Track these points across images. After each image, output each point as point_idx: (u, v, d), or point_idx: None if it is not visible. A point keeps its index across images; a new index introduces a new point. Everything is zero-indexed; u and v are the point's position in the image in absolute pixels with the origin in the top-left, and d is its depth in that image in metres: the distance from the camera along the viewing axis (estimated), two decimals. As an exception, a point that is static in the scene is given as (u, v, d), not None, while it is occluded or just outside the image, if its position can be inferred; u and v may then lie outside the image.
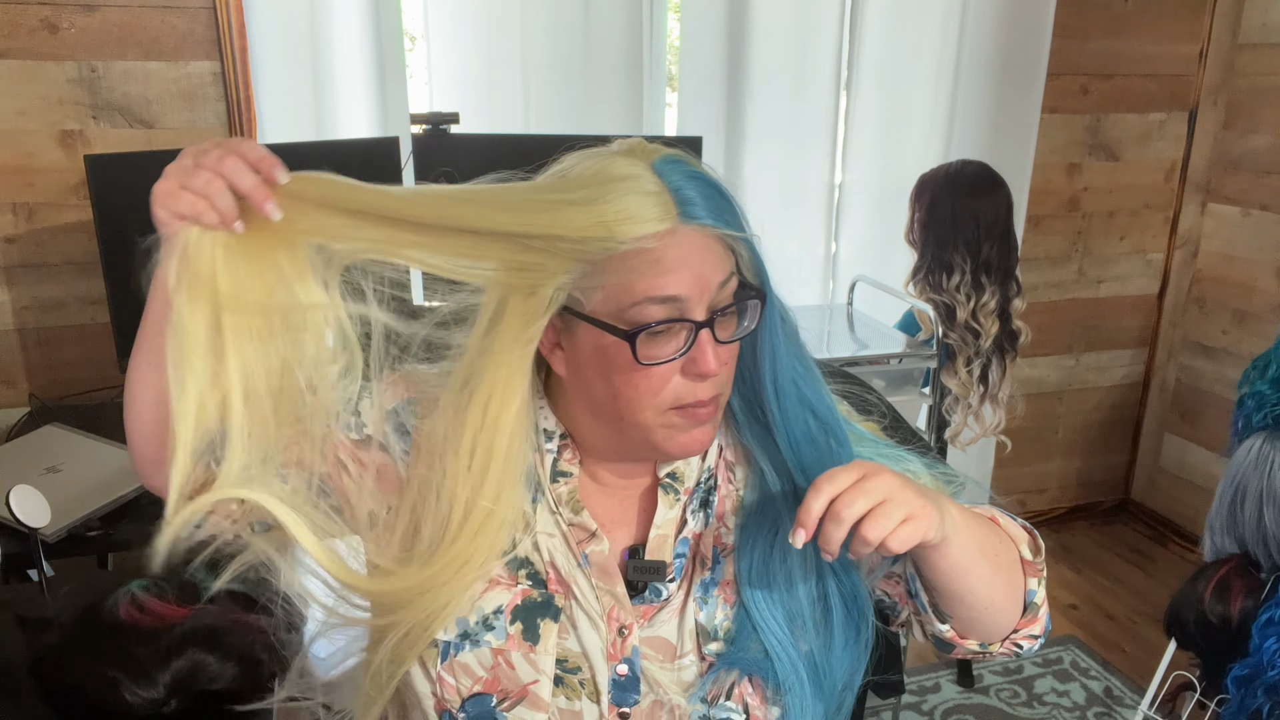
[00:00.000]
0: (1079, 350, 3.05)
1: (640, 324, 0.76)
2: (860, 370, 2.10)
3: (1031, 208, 2.77)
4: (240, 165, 0.76)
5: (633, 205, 0.75)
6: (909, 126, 2.58)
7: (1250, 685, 1.42)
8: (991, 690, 2.40)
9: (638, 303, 0.76)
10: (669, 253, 0.76)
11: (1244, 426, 1.60)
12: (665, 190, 0.76)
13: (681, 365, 0.79)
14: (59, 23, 1.87)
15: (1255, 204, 2.81)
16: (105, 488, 1.47)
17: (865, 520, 0.71)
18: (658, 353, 0.78)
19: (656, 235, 0.75)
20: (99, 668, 1.03)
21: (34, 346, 2.00)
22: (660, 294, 0.76)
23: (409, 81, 2.19)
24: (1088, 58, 2.72)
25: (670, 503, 0.88)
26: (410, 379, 0.88)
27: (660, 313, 0.77)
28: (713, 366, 0.78)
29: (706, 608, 0.87)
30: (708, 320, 0.78)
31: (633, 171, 0.77)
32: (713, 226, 0.77)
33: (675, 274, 0.76)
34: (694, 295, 0.77)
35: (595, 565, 0.86)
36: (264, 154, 0.78)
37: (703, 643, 0.86)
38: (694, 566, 0.88)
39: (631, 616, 0.85)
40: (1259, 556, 1.54)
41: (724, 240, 0.79)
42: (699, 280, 0.77)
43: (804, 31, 2.40)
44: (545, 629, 0.84)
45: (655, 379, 0.78)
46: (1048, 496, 3.19)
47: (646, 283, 0.76)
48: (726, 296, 0.79)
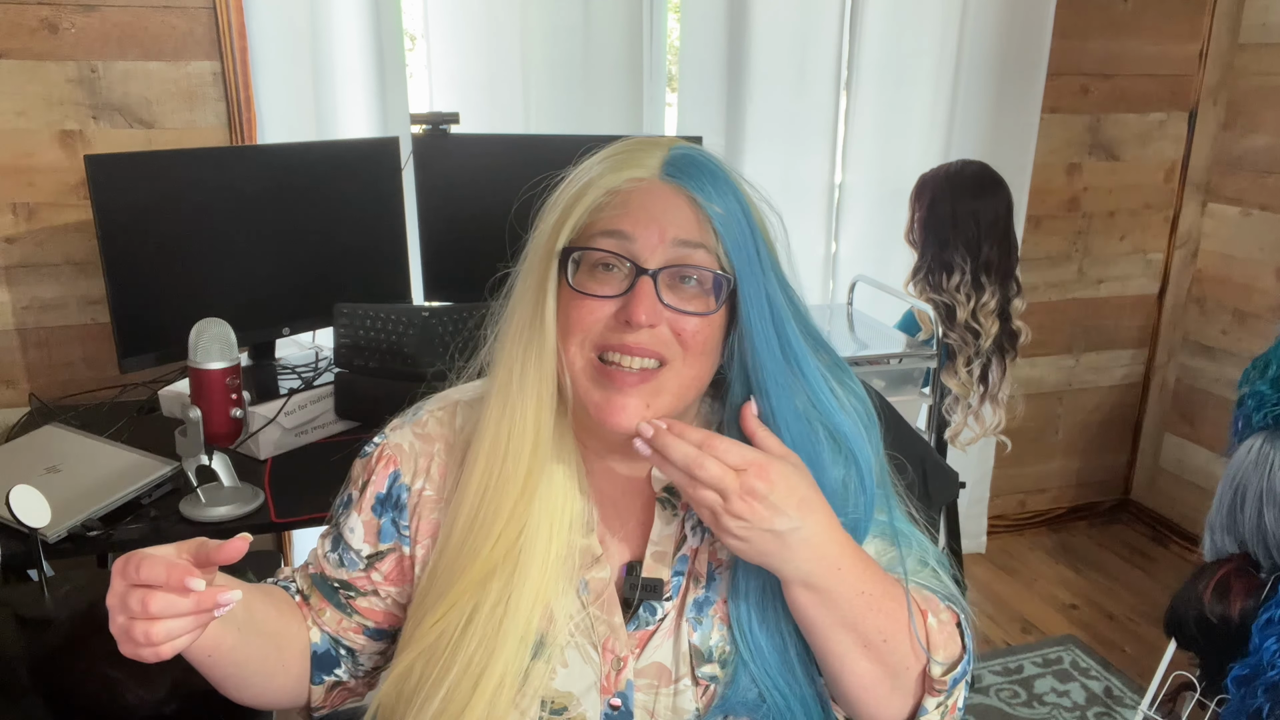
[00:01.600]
0: (1079, 350, 3.05)
1: (583, 247, 0.79)
2: (860, 370, 2.10)
3: (1031, 208, 2.77)
4: (166, 601, 0.69)
5: (621, 161, 0.79)
6: (909, 126, 2.58)
7: (1250, 685, 1.42)
8: (991, 690, 2.40)
9: (593, 234, 0.79)
10: (634, 196, 0.79)
11: (1244, 426, 1.60)
12: (664, 156, 0.80)
13: (616, 308, 0.78)
14: (59, 23, 1.87)
15: (1255, 204, 2.81)
16: (105, 488, 1.47)
17: (725, 499, 0.73)
18: (596, 287, 0.78)
19: (631, 181, 0.79)
20: (99, 668, 1.03)
21: (34, 346, 2.00)
22: (611, 227, 0.78)
23: (409, 81, 2.19)
24: (1088, 58, 2.72)
25: (668, 518, 0.86)
26: (399, 442, 0.90)
27: (608, 244, 0.78)
28: (639, 315, 0.76)
29: (701, 628, 0.84)
30: (654, 271, 0.77)
31: (648, 144, 0.81)
32: (688, 189, 0.78)
33: (632, 215, 0.78)
34: (645, 239, 0.77)
35: (594, 592, 0.84)
36: (169, 565, 0.69)
37: (696, 665, 0.83)
38: (688, 584, 0.86)
39: (627, 648, 0.83)
40: (1259, 556, 1.54)
41: (702, 211, 0.78)
42: (656, 227, 0.77)
43: (804, 31, 2.40)
44: (533, 669, 0.81)
45: (585, 310, 0.78)
46: (1048, 496, 3.19)
47: (605, 217, 0.79)
48: (692, 261, 0.78)
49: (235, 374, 1.42)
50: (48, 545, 1.33)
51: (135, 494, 1.48)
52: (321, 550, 0.94)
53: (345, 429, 1.76)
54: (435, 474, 0.88)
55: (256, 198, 1.81)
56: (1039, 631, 2.65)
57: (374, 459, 0.91)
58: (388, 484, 0.89)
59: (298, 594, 0.95)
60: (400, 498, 0.89)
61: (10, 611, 1.20)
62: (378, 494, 0.89)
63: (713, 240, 0.78)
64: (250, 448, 1.65)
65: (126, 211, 1.65)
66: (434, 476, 0.88)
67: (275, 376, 1.86)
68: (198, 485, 1.45)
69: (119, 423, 1.77)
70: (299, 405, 1.69)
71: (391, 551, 0.90)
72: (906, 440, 1.33)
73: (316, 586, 0.94)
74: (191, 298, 1.74)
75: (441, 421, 0.90)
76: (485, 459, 0.82)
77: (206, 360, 1.39)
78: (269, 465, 1.63)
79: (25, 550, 1.31)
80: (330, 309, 1.73)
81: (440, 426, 0.90)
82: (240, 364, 1.43)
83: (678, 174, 0.79)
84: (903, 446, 1.30)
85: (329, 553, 0.93)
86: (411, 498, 0.89)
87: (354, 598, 0.92)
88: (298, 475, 1.60)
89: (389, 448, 0.90)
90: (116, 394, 1.94)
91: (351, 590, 0.92)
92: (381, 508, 0.89)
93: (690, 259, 0.78)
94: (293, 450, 1.69)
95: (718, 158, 0.82)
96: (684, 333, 0.78)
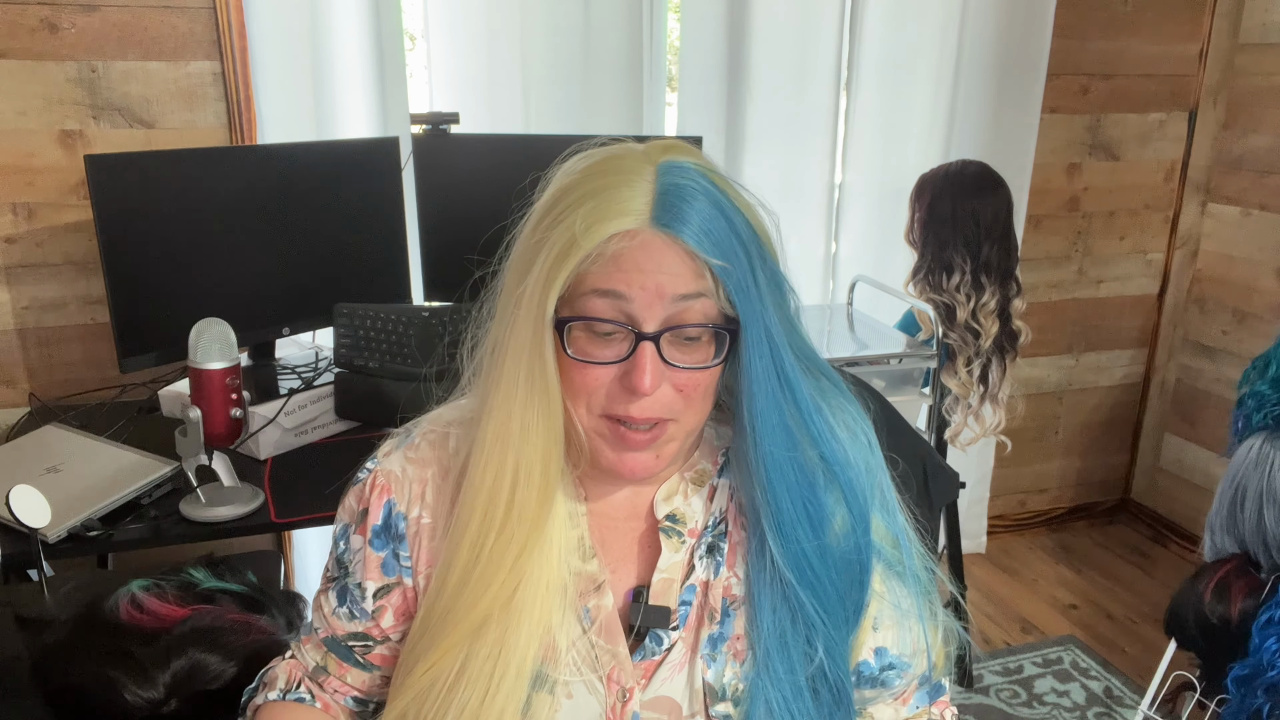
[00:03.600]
0: (1079, 350, 3.05)
1: (579, 315, 0.74)
2: (860, 370, 2.10)
3: (1031, 208, 2.77)
4: None
5: (606, 204, 0.72)
6: (909, 126, 2.58)
7: (1250, 685, 1.42)
8: (991, 690, 2.40)
9: (584, 294, 0.74)
10: (627, 252, 0.72)
11: (1244, 426, 1.60)
12: (652, 192, 0.73)
13: (619, 374, 0.75)
14: (59, 23, 1.87)
15: (1255, 204, 2.81)
16: (105, 488, 1.47)
17: None
18: (596, 352, 0.75)
19: (622, 235, 0.72)
20: (99, 668, 1.03)
21: (34, 346, 2.00)
22: (604, 286, 0.73)
23: (409, 81, 2.18)
24: (1088, 58, 2.72)
25: (675, 546, 0.84)
26: (390, 469, 0.88)
27: (604, 308, 0.73)
28: (645, 385, 0.73)
29: (715, 665, 0.81)
30: (654, 334, 0.73)
31: (630, 166, 0.74)
32: (682, 239, 0.72)
33: (626, 273, 0.72)
34: (642, 300, 0.72)
35: (597, 621, 0.82)
36: None
37: (710, 703, 0.81)
38: (701, 619, 0.82)
39: (633, 679, 0.81)
40: (1259, 556, 1.54)
41: (700, 259, 0.72)
42: (653, 286, 0.72)
43: (804, 31, 2.40)
44: (538, 702, 0.79)
45: (589, 376, 0.75)
46: (1048, 496, 3.19)
47: (596, 275, 0.73)
48: (692, 317, 0.73)
49: (235, 374, 1.42)
50: (48, 545, 1.33)
51: (135, 494, 1.48)
52: (328, 608, 0.91)
53: (345, 429, 1.76)
54: (431, 499, 0.85)
55: (256, 198, 1.81)
56: (1039, 631, 2.65)
57: (367, 487, 0.87)
58: (384, 515, 0.86)
59: (315, 672, 0.92)
60: (398, 528, 0.86)
61: (10, 611, 1.20)
62: (374, 526, 0.86)
63: (712, 286, 0.74)
64: (250, 448, 1.65)
65: (126, 211, 1.65)
66: (430, 503, 0.85)
67: (275, 376, 1.86)
68: (198, 485, 1.45)
69: (119, 423, 1.77)
70: (299, 405, 1.69)
71: (396, 586, 0.87)
72: (906, 440, 1.33)
73: (332, 651, 0.91)
74: (191, 298, 1.74)
75: (435, 444, 0.87)
76: (484, 508, 0.79)
77: (206, 360, 1.39)
78: (269, 465, 1.63)
79: (25, 550, 1.31)
80: (330, 309, 1.73)
81: (434, 450, 0.87)
82: (240, 364, 1.43)
83: (670, 221, 0.72)
84: (903, 447, 1.30)
85: (337, 608, 0.90)
86: (410, 526, 0.86)
87: (370, 649, 0.90)
88: (298, 475, 1.60)
89: (381, 475, 0.87)
90: (116, 394, 1.94)
91: (367, 641, 0.90)
92: (380, 541, 0.86)
93: (689, 315, 0.73)
94: (293, 450, 1.69)
95: (709, 173, 0.76)
96: (685, 387, 0.76)
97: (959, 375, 2.22)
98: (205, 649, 1.06)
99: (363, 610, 0.88)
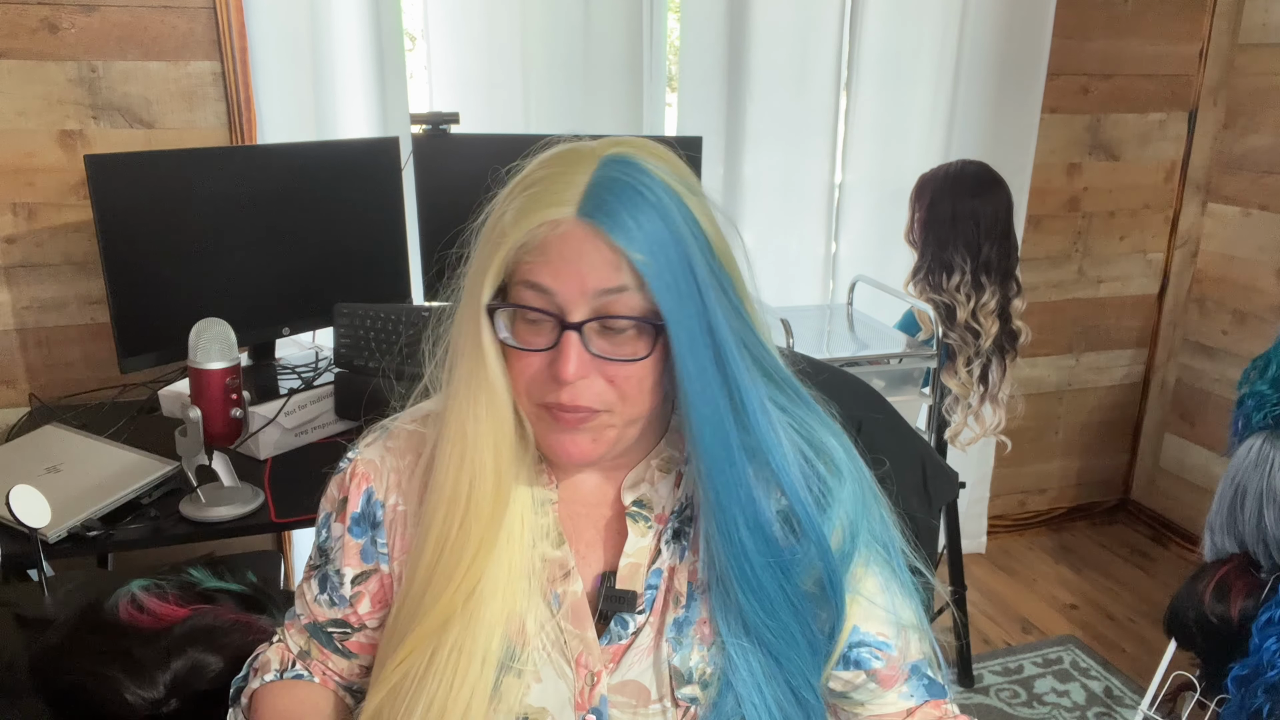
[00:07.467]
0: (1079, 350, 3.05)
1: (509, 303, 0.76)
2: (860, 370, 2.10)
3: (1031, 208, 2.77)
4: None
5: (540, 195, 0.74)
6: (909, 126, 2.58)
7: (1250, 685, 1.42)
8: (991, 690, 2.40)
9: (515, 284, 0.76)
10: (552, 243, 0.73)
11: (1244, 426, 1.60)
12: (585, 184, 0.73)
13: (548, 361, 0.76)
14: (59, 23, 1.87)
15: (1255, 204, 2.81)
16: (105, 488, 1.47)
17: None
18: (530, 339, 0.76)
19: (547, 224, 0.73)
20: (99, 668, 1.03)
21: (34, 346, 2.00)
22: (530, 278, 0.74)
23: (409, 81, 2.19)
24: (1088, 58, 2.72)
25: (641, 530, 0.85)
26: (371, 458, 0.89)
27: (532, 298, 0.75)
28: (568, 372, 0.74)
29: (681, 649, 0.83)
30: (578, 324, 0.74)
31: (574, 160, 0.75)
32: (605, 232, 0.72)
33: (552, 265, 0.73)
34: (567, 292, 0.73)
35: (565, 606, 0.83)
36: None
37: (676, 686, 0.82)
38: (667, 603, 0.84)
39: (600, 663, 0.82)
40: (1259, 556, 1.54)
41: (623, 254, 0.72)
42: (577, 278, 0.73)
43: (804, 31, 2.40)
44: (507, 685, 0.81)
45: (523, 363, 0.77)
46: (1048, 496, 3.19)
47: (525, 266, 0.75)
48: (619, 309, 0.74)
49: (235, 374, 1.42)
50: (48, 545, 1.33)
51: (135, 494, 1.48)
52: (310, 595, 0.93)
53: (345, 429, 1.76)
54: (407, 488, 0.88)
55: (256, 198, 1.81)
56: (1039, 631, 2.65)
57: (348, 476, 0.89)
58: (362, 502, 0.88)
59: (300, 655, 0.94)
60: (376, 515, 0.88)
61: (10, 611, 1.20)
62: (353, 514, 0.88)
63: (635, 281, 0.73)
64: (250, 448, 1.65)
65: (126, 211, 1.65)
66: (406, 491, 0.88)
67: (275, 376, 1.86)
68: (198, 485, 1.45)
69: (119, 423, 1.77)
70: (299, 405, 1.69)
71: (374, 573, 0.89)
72: (906, 440, 1.33)
73: (314, 637, 0.94)
74: (191, 298, 1.74)
75: (411, 435, 0.89)
76: (446, 504, 0.81)
77: (206, 360, 1.39)
78: (269, 465, 1.64)
79: (25, 550, 1.31)
80: (330, 309, 1.73)
81: (410, 440, 0.89)
82: (240, 364, 1.43)
83: (595, 212, 0.72)
84: (903, 446, 1.30)
85: (318, 595, 0.92)
86: (387, 514, 0.88)
87: (348, 636, 0.92)
88: (298, 475, 1.61)
89: (361, 464, 0.89)
90: (116, 394, 1.94)
91: (345, 628, 0.92)
92: (359, 528, 0.88)
93: (614, 307, 0.73)
94: (293, 450, 1.69)
95: (657, 170, 0.75)
96: (616, 379, 0.76)
97: (959, 375, 2.22)
98: (205, 649, 1.06)
99: (341, 597, 0.91)
